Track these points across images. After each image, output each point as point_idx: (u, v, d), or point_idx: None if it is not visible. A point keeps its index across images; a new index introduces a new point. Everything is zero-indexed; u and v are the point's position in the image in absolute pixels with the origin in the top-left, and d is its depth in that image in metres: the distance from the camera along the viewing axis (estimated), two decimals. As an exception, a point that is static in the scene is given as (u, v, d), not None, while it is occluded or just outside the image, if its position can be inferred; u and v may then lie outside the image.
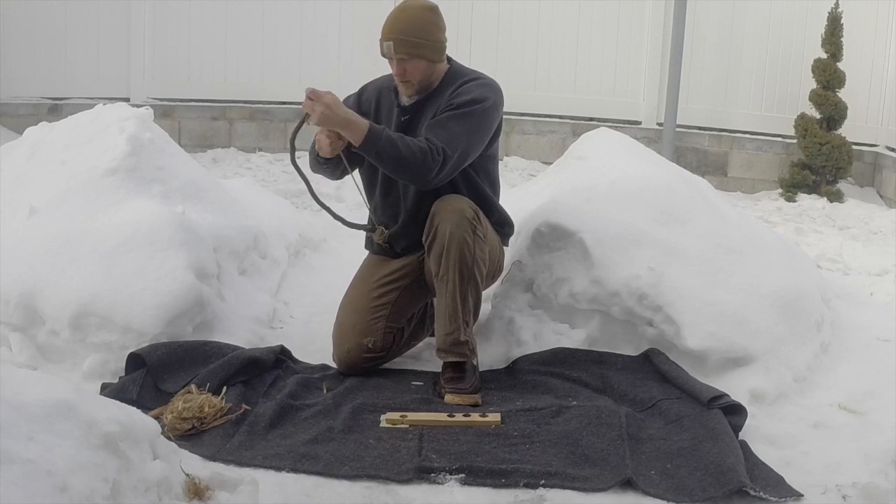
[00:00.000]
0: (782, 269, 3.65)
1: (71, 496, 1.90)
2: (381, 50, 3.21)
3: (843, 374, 3.41)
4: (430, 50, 3.20)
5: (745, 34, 7.63)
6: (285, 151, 7.76)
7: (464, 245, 3.03)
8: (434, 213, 3.12)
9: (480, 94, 3.19)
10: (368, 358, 3.24)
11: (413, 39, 3.15)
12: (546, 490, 2.49)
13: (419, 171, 3.06)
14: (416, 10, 3.21)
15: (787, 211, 6.76)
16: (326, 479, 2.53)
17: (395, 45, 3.15)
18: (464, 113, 3.14)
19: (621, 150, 4.04)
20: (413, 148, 3.05)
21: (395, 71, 3.21)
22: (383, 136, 3.04)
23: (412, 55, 3.16)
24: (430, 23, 3.22)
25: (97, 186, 3.57)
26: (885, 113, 7.36)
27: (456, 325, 3.08)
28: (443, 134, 3.09)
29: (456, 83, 3.24)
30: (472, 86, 3.22)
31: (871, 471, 2.63)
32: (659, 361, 3.20)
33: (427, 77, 3.23)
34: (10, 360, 3.17)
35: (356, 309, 3.29)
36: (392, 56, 3.17)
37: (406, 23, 3.17)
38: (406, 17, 3.18)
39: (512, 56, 7.79)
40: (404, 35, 3.15)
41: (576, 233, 3.42)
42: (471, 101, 3.16)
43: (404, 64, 3.18)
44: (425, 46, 3.18)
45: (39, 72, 7.54)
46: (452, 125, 3.11)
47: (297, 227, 4.64)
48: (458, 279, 3.05)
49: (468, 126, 3.13)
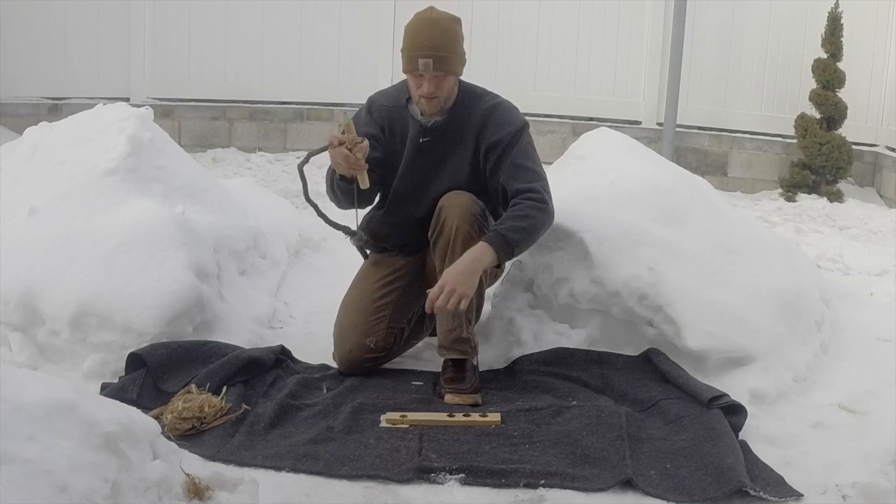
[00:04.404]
0: (782, 269, 3.65)
1: (71, 496, 1.90)
2: (407, 65, 3.11)
3: (843, 374, 3.41)
4: (460, 64, 3.15)
5: (745, 34, 7.64)
6: (285, 151, 7.82)
7: (469, 241, 3.02)
8: (441, 208, 3.11)
9: (513, 118, 3.20)
10: (370, 358, 3.24)
11: (449, 55, 3.08)
12: (546, 490, 2.49)
13: (546, 222, 3.12)
14: (446, 22, 3.12)
15: (787, 211, 6.76)
16: (326, 479, 2.53)
17: (434, 62, 3.05)
18: (522, 148, 3.17)
19: (621, 150, 4.03)
20: (531, 214, 3.05)
21: (427, 88, 3.09)
22: (510, 240, 2.99)
23: (448, 72, 3.10)
24: (459, 36, 3.16)
25: (97, 186, 3.56)
26: (885, 113, 7.36)
27: (458, 322, 3.08)
28: (528, 175, 3.13)
29: (475, 108, 3.19)
30: (499, 113, 3.19)
31: (871, 471, 2.63)
32: (659, 361, 3.20)
33: (452, 94, 3.18)
34: (10, 360, 3.16)
35: (358, 309, 3.28)
36: (429, 73, 3.07)
37: (442, 37, 3.08)
38: (440, 30, 3.09)
39: (512, 56, 7.80)
40: (442, 52, 3.06)
41: (576, 233, 3.41)
42: (517, 133, 3.17)
43: (439, 81, 3.10)
44: (457, 61, 3.12)
45: (39, 72, 7.55)
46: (526, 163, 3.15)
47: (297, 227, 4.63)
48: None
49: (532, 154, 3.20)
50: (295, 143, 7.90)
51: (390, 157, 3.26)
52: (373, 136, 3.19)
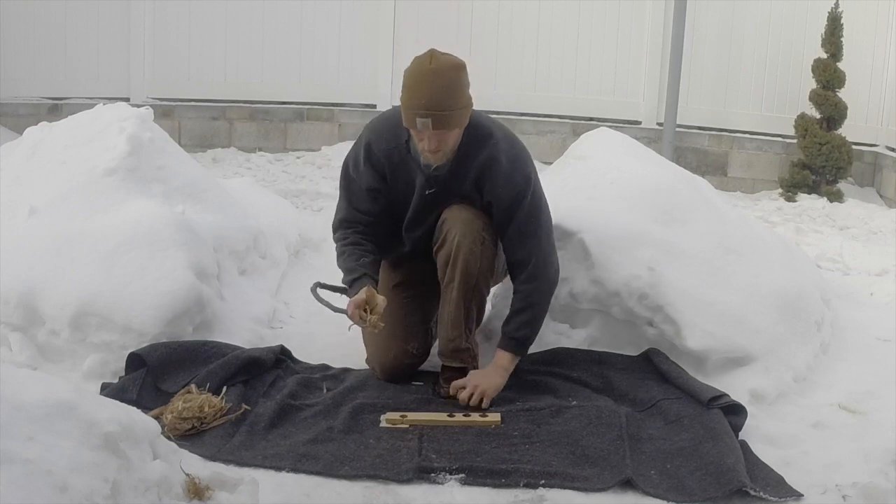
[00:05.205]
0: (782, 269, 3.65)
1: (71, 496, 1.90)
2: (406, 122, 2.89)
3: (843, 374, 3.41)
4: (465, 115, 2.93)
5: (745, 34, 7.63)
6: (285, 151, 7.82)
7: (470, 255, 3.00)
8: (444, 220, 3.06)
9: (514, 177, 3.00)
10: (412, 363, 3.22)
11: (449, 113, 2.85)
12: (546, 490, 2.49)
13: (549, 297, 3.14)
14: (448, 72, 2.86)
15: (787, 211, 6.76)
16: (326, 479, 2.53)
17: (433, 122, 2.83)
18: (526, 212, 3.02)
19: (621, 150, 4.03)
20: (535, 304, 3.08)
21: (428, 146, 2.90)
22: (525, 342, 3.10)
23: (449, 129, 2.89)
24: (462, 86, 2.90)
25: (97, 186, 3.56)
26: (885, 113, 7.36)
27: (458, 332, 3.08)
28: (529, 245, 3.04)
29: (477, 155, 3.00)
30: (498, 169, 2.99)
31: (871, 471, 2.63)
32: (659, 361, 3.20)
33: (457, 143, 2.98)
34: (10, 360, 3.16)
35: (391, 316, 3.14)
36: (428, 132, 2.87)
37: (443, 93, 2.83)
38: (441, 84, 2.83)
39: (512, 56, 7.80)
40: (443, 110, 2.83)
41: (576, 233, 3.42)
42: (518, 196, 3.00)
43: (441, 136, 2.89)
44: (459, 116, 2.90)
45: (39, 72, 7.55)
46: (529, 229, 3.03)
47: (297, 227, 4.63)
48: (463, 288, 3.04)
49: (536, 215, 3.05)
50: (295, 143, 7.90)
51: (395, 204, 3.15)
52: (375, 190, 3.11)
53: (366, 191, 3.12)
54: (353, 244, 3.12)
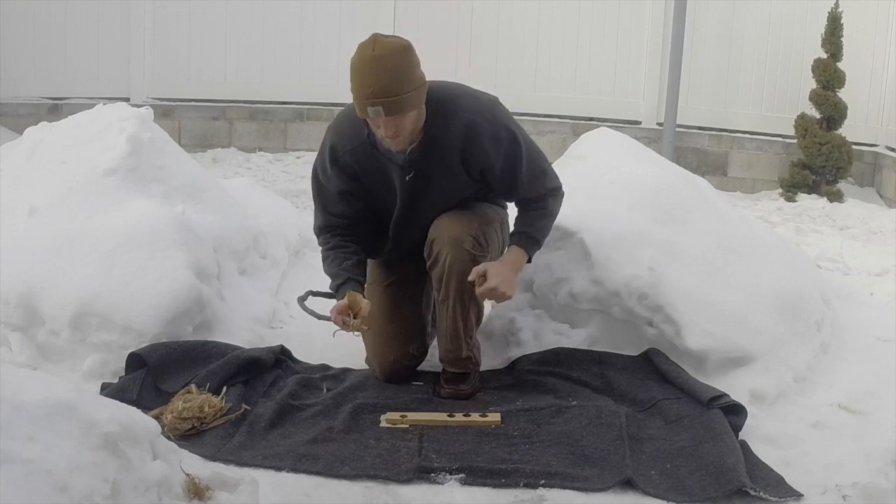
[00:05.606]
0: (782, 269, 3.65)
1: (71, 496, 1.90)
2: (358, 112, 2.83)
3: (843, 374, 3.41)
4: (419, 96, 2.84)
5: (745, 34, 7.64)
6: (285, 151, 7.82)
7: (464, 275, 2.98)
8: (434, 241, 3.01)
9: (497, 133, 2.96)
10: (412, 365, 3.23)
11: (399, 98, 2.76)
12: (546, 490, 2.49)
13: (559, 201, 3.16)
14: (393, 57, 2.77)
15: (787, 211, 6.76)
16: (326, 479, 2.53)
17: (384, 109, 2.75)
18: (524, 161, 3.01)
19: (621, 150, 4.03)
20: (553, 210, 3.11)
21: (385, 132, 2.84)
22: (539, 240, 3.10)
23: (403, 113, 2.80)
24: (411, 67, 2.81)
25: (97, 186, 3.57)
26: (885, 113, 7.36)
27: (458, 344, 3.08)
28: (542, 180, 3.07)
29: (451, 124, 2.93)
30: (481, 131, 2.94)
31: (871, 471, 2.63)
32: (659, 361, 3.20)
33: (419, 122, 2.91)
34: (10, 360, 3.16)
35: (390, 318, 3.16)
36: (382, 119, 2.80)
37: (390, 78, 2.74)
38: (387, 70, 2.75)
39: (512, 56, 7.80)
40: (391, 96, 2.75)
41: (576, 233, 3.41)
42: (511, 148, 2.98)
43: (397, 122, 2.81)
44: (412, 99, 2.80)
45: (39, 72, 7.56)
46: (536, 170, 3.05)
47: (297, 227, 4.63)
48: (460, 306, 3.03)
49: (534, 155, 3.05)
50: (295, 143, 7.90)
51: (378, 201, 3.12)
52: (346, 192, 3.08)
53: (337, 194, 3.09)
54: (335, 248, 3.12)
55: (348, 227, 3.14)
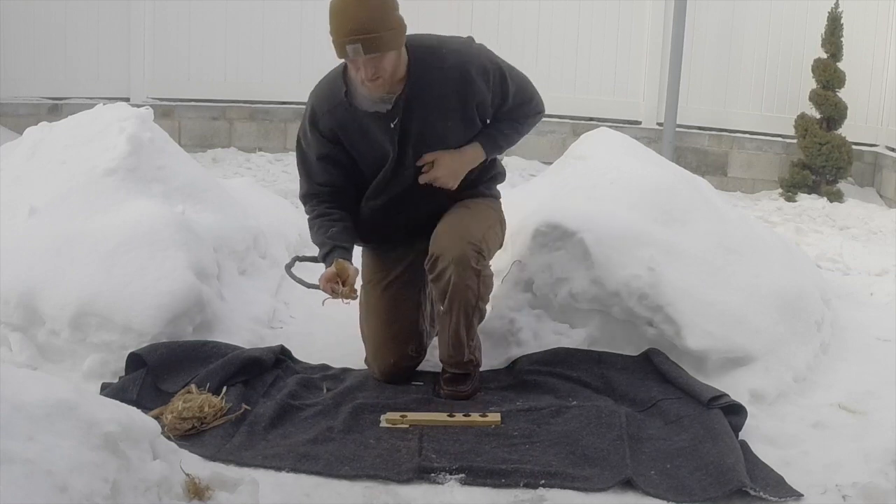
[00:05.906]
0: (782, 269, 3.65)
1: (71, 496, 1.90)
2: (337, 52, 2.83)
3: (843, 374, 3.41)
4: (398, 37, 2.87)
5: (745, 34, 7.63)
6: (285, 151, 7.81)
7: (468, 291, 2.98)
8: (438, 257, 2.98)
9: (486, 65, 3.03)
10: (411, 366, 3.23)
11: (379, 34, 2.79)
12: (546, 490, 2.49)
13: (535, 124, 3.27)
14: None
15: (787, 211, 6.76)
16: (326, 479, 2.53)
17: (363, 46, 2.77)
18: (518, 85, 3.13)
19: (621, 150, 4.03)
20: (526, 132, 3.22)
21: (365, 74, 2.84)
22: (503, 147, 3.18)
23: (383, 51, 2.82)
24: (390, 9, 2.86)
25: (97, 186, 3.57)
26: (885, 113, 7.36)
27: (460, 350, 3.08)
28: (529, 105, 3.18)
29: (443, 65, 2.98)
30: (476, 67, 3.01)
31: (871, 471, 2.63)
32: (659, 361, 3.20)
33: (398, 66, 2.92)
34: (10, 360, 3.16)
35: (388, 320, 3.17)
36: (361, 58, 2.81)
37: (368, 16, 2.78)
38: (366, 7, 2.79)
39: (512, 56, 7.65)
40: (371, 33, 2.77)
41: (576, 233, 3.41)
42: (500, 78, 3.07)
43: (376, 62, 2.83)
44: (392, 37, 2.83)
45: (39, 72, 7.56)
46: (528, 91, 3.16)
47: (297, 227, 4.62)
48: (464, 319, 3.03)
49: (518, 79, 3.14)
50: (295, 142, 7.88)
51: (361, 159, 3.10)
52: (327, 157, 3.08)
53: (319, 160, 3.09)
54: (320, 216, 3.11)
55: (332, 193, 3.14)
